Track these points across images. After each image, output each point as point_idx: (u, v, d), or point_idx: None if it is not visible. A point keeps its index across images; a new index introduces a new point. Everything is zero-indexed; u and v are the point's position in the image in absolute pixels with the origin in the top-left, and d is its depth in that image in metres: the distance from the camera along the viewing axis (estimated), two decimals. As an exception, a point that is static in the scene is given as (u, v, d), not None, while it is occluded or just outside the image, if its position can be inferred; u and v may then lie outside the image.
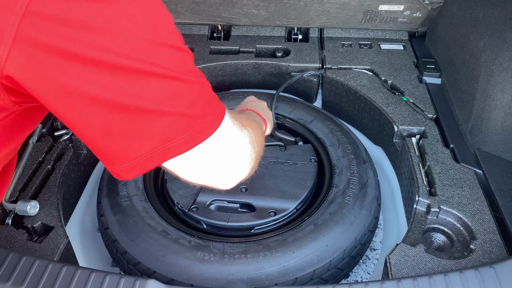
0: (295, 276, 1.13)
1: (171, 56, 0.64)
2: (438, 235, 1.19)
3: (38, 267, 0.95)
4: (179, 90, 0.65)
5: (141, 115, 0.62)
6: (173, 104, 0.64)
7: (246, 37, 1.97)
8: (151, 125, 0.64)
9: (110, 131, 0.63)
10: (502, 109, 1.33)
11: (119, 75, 0.59)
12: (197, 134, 0.68)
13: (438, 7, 1.79)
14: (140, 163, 0.67)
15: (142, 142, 0.65)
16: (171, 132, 0.66)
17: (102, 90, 0.59)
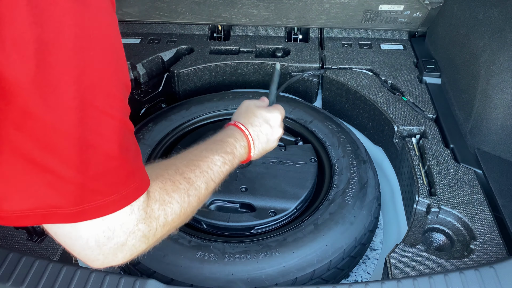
0: (295, 276, 1.13)
1: (99, 120, 0.57)
2: (438, 235, 1.19)
3: (38, 267, 0.95)
4: (91, 159, 0.57)
5: (34, 168, 0.55)
6: (77, 172, 0.56)
7: (246, 37, 1.97)
8: (41, 184, 0.56)
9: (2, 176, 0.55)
10: (502, 109, 1.33)
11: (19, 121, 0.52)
12: (90, 211, 0.59)
13: (438, 7, 1.79)
14: (14, 218, 0.58)
15: (23, 197, 0.57)
16: (61, 200, 0.57)
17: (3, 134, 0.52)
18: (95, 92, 0.56)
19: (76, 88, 0.54)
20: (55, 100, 0.53)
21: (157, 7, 1.90)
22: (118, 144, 0.61)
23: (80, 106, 0.55)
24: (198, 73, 1.82)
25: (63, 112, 0.54)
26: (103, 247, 0.63)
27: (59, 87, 0.53)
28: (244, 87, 1.91)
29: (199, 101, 1.68)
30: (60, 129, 0.54)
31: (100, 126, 0.58)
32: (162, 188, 0.72)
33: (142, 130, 1.54)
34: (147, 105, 1.76)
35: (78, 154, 0.56)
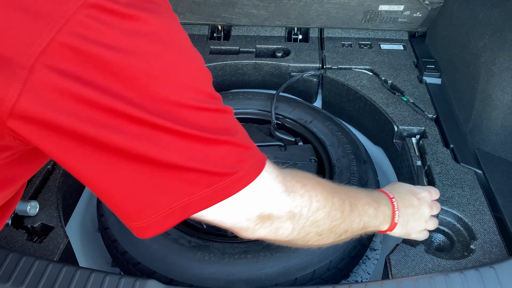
0: (295, 276, 1.13)
1: (198, 116, 0.60)
2: (438, 235, 1.19)
3: (38, 267, 0.95)
4: (204, 149, 0.60)
5: (162, 169, 0.58)
6: (196, 161, 0.60)
7: (246, 37, 1.97)
8: (171, 180, 0.60)
9: (126, 183, 0.58)
10: (502, 109, 1.33)
11: (142, 129, 0.55)
12: (220, 191, 0.63)
13: (438, 7, 1.79)
14: (159, 219, 0.62)
15: (160, 197, 0.60)
16: (192, 188, 0.61)
17: (122, 142, 0.55)
18: (201, 96, 0.61)
19: (192, 92, 0.59)
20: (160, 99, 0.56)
21: (157, 7, 1.90)
22: (222, 130, 0.63)
23: (196, 106, 0.59)
24: (198, 73, 1.82)
25: (188, 112, 0.58)
26: (251, 215, 0.68)
27: (160, 83, 0.56)
28: (244, 87, 1.91)
29: (199, 101, 1.67)
30: (188, 122, 0.58)
31: (211, 119, 0.61)
32: (301, 182, 0.75)
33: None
34: (147, 105, 1.76)
35: (198, 151, 0.60)
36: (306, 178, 0.78)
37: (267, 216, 0.70)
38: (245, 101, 1.68)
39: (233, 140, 0.64)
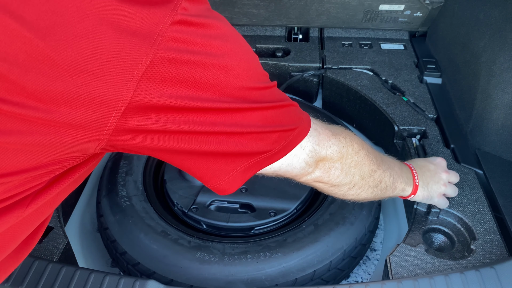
0: (295, 276, 1.13)
1: (263, 94, 0.70)
2: (438, 236, 1.18)
3: (37, 268, 0.95)
4: (272, 115, 0.72)
5: (240, 137, 0.69)
6: (268, 126, 0.71)
7: (246, 37, 1.95)
8: (250, 143, 0.70)
9: (207, 153, 0.68)
10: (503, 109, 1.33)
11: (219, 114, 0.65)
12: (288, 145, 0.76)
13: (439, 7, 1.79)
14: (239, 174, 0.73)
15: (240, 158, 0.71)
16: (268, 146, 0.72)
17: (206, 127, 0.65)
18: (262, 77, 0.72)
19: (257, 76, 0.70)
20: (246, 84, 0.67)
21: (157, 7, 1.89)
22: (280, 99, 0.76)
23: (262, 86, 0.70)
24: (198, 73, 1.82)
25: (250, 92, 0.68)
26: (308, 159, 0.81)
27: (243, 73, 0.67)
28: (244, 87, 1.91)
29: (199, 101, 1.67)
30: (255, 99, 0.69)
31: (273, 91, 0.74)
32: (343, 132, 0.94)
33: (142, 130, 1.54)
34: (147, 105, 1.76)
35: (268, 117, 0.71)
36: (336, 126, 0.93)
37: (322, 158, 0.84)
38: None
39: (290, 102, 0.79)
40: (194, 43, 0.59)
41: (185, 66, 0.59)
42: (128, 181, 1.35)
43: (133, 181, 1.35)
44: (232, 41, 0.65)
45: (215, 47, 0.62)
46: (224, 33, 0.64)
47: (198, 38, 0.60)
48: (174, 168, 1.40)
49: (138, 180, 1.35)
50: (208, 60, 0.61)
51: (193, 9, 0.60)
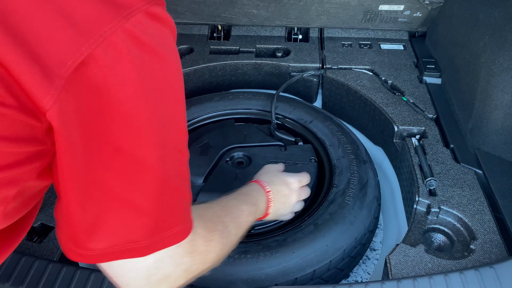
0: (295, 276, 1.13)
1: (174, 156, 0.64)
2: (438, 235, 1.19)
3: (38, 267, 0.95)
4: (166, 192, 0.63)
5: (119, 204, 0.60)
6: (154, 205, 0.62)
7: (246, 37, 1.97)
8: (124, 220, 0.61)
9: (85, 201, 0.60)
10: (502, 109, 1.33)
11: (122, 161, 0.58)
12: (160, 242, 0.64)
13: (438, 7, 1.79)
14: (95, 256, 0.62)
15: (107, 235, 0.61)
16: (139, 234, 0.62)
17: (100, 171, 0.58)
18: (171, 130, 0.63)
19: (159, 127, 0.60)
20: (144, 138, 0.59)
21: (157, 7, 1.90)
22: (184, 178, 0.67)
23: (161, 143, 0.61)
24: (198, 73, 1.82)
25: (150, 149, 0.60)
26: (151, 277, 0.66)
27: (148, 127, 0.59)
28: (244, 87, 1.91)
29: (199, 101, 1.68)
30: (146, 164, 0.60)
31: (174, 161, 0.64)
32: (204, 226, 0.76)
33: (142, 130, 1.54)
34: (147, 105, 1.76)
35: (157, 188, 0.62)
36: (205, 227, 0.77)
37: (166, 277, 0.69)
38: (245, 101, 1.68)
39: (187, 189, 0.69)
40: (127, 64, 0.56)
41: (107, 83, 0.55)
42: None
43: (133, 181, 1.35)
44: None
45: (145, 83, 0.57)
46: (168, 74, 0.60)
47: (134, 62, 0.56)
48: None
49: (138, 180, 1.36)
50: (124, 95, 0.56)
51: (146, 27, 0.57)
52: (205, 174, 1.36)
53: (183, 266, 0.70)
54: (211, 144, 1.46)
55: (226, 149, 1.45)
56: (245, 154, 1.45)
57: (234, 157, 1.45)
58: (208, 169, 1.38)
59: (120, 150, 0.58)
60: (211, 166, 1.40)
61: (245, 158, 1.44)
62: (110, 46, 0.54)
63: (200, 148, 1.45)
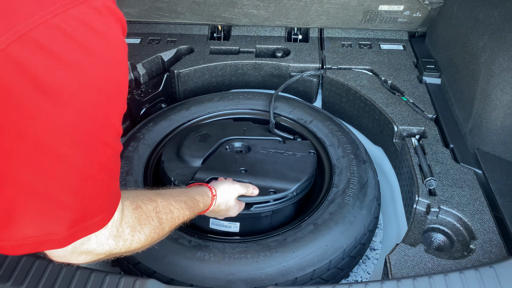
0: (295, 276, 1.13)
1: (100, 151, 0.62)
2: (438, 235, 1.19)
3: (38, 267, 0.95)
4: (89, 186, 0.62)
5: (36, 198, 0.58)
6: (76, 198, 0.61)
7: (246, 37, 1.97)
8: (41, 213, 0.60)
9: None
10: (502, 109, 1.33)
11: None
12: (80, 232, 0.65)
13: (438, 7, 1.79)
14: (9, 247, 0.61)
15: (22, 227, 0.60)
16: (57, 226, 0.61)
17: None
18: (99, 125, 0.61)
19: (87, 124, 0.59)
20: (68, 136, 0.57)
21: (157, 7, 1.90)
22: (110, 171, 0.67)
23: (88, 140, 0.60)
24: (198, 73, 1.82)
25: (74, 146, 0.59)
26: (76, 249, 0.69)
27: (72, 125, 0.57)
28: (244, 87, 1.91)
29: (199, 101, 1.68)
30: (68, 161, 0.59)
31: (100, 156, 0.63)
32: (137, 218, 0.78)
33: (142, 130, 1.54)
34: (147, 105, 1.76)
35: (80, 183, 0.61)
36: (138, 218, 0.78)
37: (88, 252, 0.70)
38: (245, 101, 1.68)
39: (111, 178, 0.68)
40: (49, 62, 0.53)
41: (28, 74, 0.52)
42: (129, 181, 1.35)
43: (133, 181, 1.35)
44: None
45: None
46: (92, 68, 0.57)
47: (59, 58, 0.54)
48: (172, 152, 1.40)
49: (139, 180, 1.36)
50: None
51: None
52: (204, 157, 1.36)
53: (106, 246, 0.72)
54: (210, 134, 1.46)
55: (226, 139, 1.44)
56: (245, 144, 1.44)
57: (234, 146, 1.44)
58: (207, 153, 1.38)
59: (41, 147, 0.56)
60: (210, 151, 1.39)
61: (245, 147, 1.44)
62: (31, 41, 0.52)
63: (200, 136, 1.45)
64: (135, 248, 0.79)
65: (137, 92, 1.75)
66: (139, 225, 0.78)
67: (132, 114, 1.73)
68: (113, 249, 0.73)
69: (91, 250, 0.70)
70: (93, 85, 0.58)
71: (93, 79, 0.58)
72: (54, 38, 0.53)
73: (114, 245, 0.73)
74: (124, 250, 0.76)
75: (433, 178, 1.25)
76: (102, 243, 0.71)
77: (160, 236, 0.87)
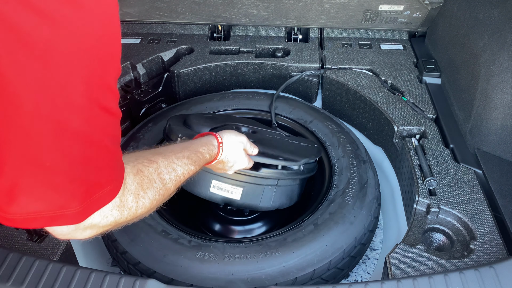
0: (295, 276, 1.13)
1: (102, 117, 0.60)
2: (438, 235, 1.19)
3: (38, 267, 0.95)
4: (94, 154, 0.60)
5: (42, 171, 0.57)
6: (83, 169, 0.60)
7: (246, 37, 1.97)
8: (49, 186, 0.58)
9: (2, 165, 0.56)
10: (502, 109, 1.33)
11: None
12: (92, 205, 0.64)
13: (438, 7, 1.79)
14: (20, 220, 0.60)
15: (31, 200, 0.59)
16: (68, 200, 0.60)
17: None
18: (95, 87, 0.58)
19: (81, 85, 0.56)
20: (64, 99, 0.54)
21: (157, 7, 1.90)
22: (113, 137, 0.64)
23: (87, 104, 0.57)
24: (198, 73, 1.82)
25: (72, 111, 0.56)
26: (80, 225, 0.66)
27: (67, 87, 0.54)
28: (244, 87, 1.91)
29: (199, 101, 1.68)
30: (69, 128, 0.56)
31: (101, 121, 0.60)
32: (139, 183, 0.76)
33: (142, 130, 1.54)
34: (147, 105, 1.76)
35: (84, 151, 0.59)
36: (140, 183, 0.77)
37: (93, 225, 0.69)
38: (245, 101, 1.68)
39: (117, 148, 0.66)
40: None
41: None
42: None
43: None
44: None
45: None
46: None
47: None
48: (178, 121, 1.37)
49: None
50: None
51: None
52: (210, 129, 1.32)
53: (111, 218, 0.70)
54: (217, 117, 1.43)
55: (231, 123, 1.42)
56: (250, 128, 1.42)
57: (240, 128, 1.42)
58: (214, 126, 1.35)
59: (39, 115, 0.54)
60: (217, 125, 1.36)
61: (251, 132, 1.42)
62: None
63: (207, 116, 1.43)
64: (141, 213, 0.77)
65: (137, 92, 1.75)
66: (142, 191, 0.76)
67: (132, 114, 1.73)
68: (118, 219, 0.72)
69: (95, 224, 0.68)
70: (84, 42, 0.54)
71: (83, 36, 0.54)
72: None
73: (119, 215, 0.72)
74: (130, 217, 0.75)
75: (433, 178, 1.25)
76: (106, 215, 0.69)
77: (166, 196, 0.84)
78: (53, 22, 0.51)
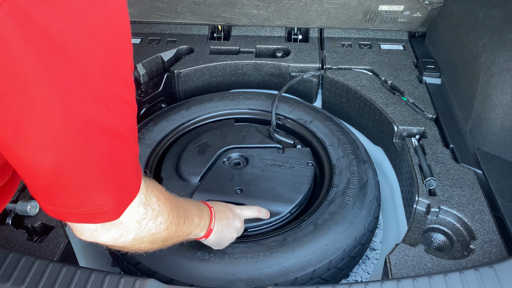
0: (295, 276, 1.13)
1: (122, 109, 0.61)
2: (438, 235, 1.19)
3: (38, 267, 0.95)
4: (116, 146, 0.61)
5: (80, 166, 0.58)
6: (109, 162, 0.61)
7: (246, 37, 1.97)
8: (86, 183, 0.60)
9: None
10: (502, 109, 1.33)
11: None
12: (125, 199, 0.66)
13: (438, 7, 1.79)
14: (64, 213, 0.62)
15: (72, 196, 0.61)
16: (104, 196, 0.62)
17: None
18: (115, 81, 0.59)
19: (99, 77, 0.56)
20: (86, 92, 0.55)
21: (157, 7, 1.90)
22: (133, 130, 0.65)
23: (107, 96, 0.57)
24: (198, 73, 1.83)
25: (95, 104, 0.56)
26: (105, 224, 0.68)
27: (86, 78, 0.54)
28: (244, 87, 1.91)
29: (199, 101, 1.68)
30: (95, 121, 0.57)
31: (123, 114, 0.61)
32: (159, 190, 0.79)
33: (142, 130, 1.54)
34: (147, 105, 1.76)
35: (110, 145, 0.60)
36: (160, 192, 0.80)
37: (117, 223, 0.70)
38: (245, 101, 1.68)
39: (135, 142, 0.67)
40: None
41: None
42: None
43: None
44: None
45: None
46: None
47: None
48: (170, 167, 1.41)
49: (138, 180, 1.36)
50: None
51: None
52: (201, 174, 1.37)
53: (137, 215, 0.71)
54: (209, 144, 1.47)
55: (224, 149, 1.45)
56: (243, 155, 1.45)
57: (232, 157, 1.45)
58: (205, 169, 1.39)
59: (71, 111, 0.55)
60: (208, 166, 1.40)
61: (242, 159, 1.45)
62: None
63: (198, 147, 1.45)
64: (160, 222, 0.78)
65: (137, 92, 1.75)
66: (162, 196, 0.78)
67: (132, 114, 1.73)
68: (142, 219, 0.73)
69: (121, 221, 0.69)
70: (97, 34, 0.55)
71: (96, 28, 0.55)
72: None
73: (144, 213, 0.73)
74: (151, 222, 0.75)
75: (433, 178, 1.25)
76: (133, 211, 0.70)
77: (178, 227, 0.86)
78: (68, 15, 0.52)
